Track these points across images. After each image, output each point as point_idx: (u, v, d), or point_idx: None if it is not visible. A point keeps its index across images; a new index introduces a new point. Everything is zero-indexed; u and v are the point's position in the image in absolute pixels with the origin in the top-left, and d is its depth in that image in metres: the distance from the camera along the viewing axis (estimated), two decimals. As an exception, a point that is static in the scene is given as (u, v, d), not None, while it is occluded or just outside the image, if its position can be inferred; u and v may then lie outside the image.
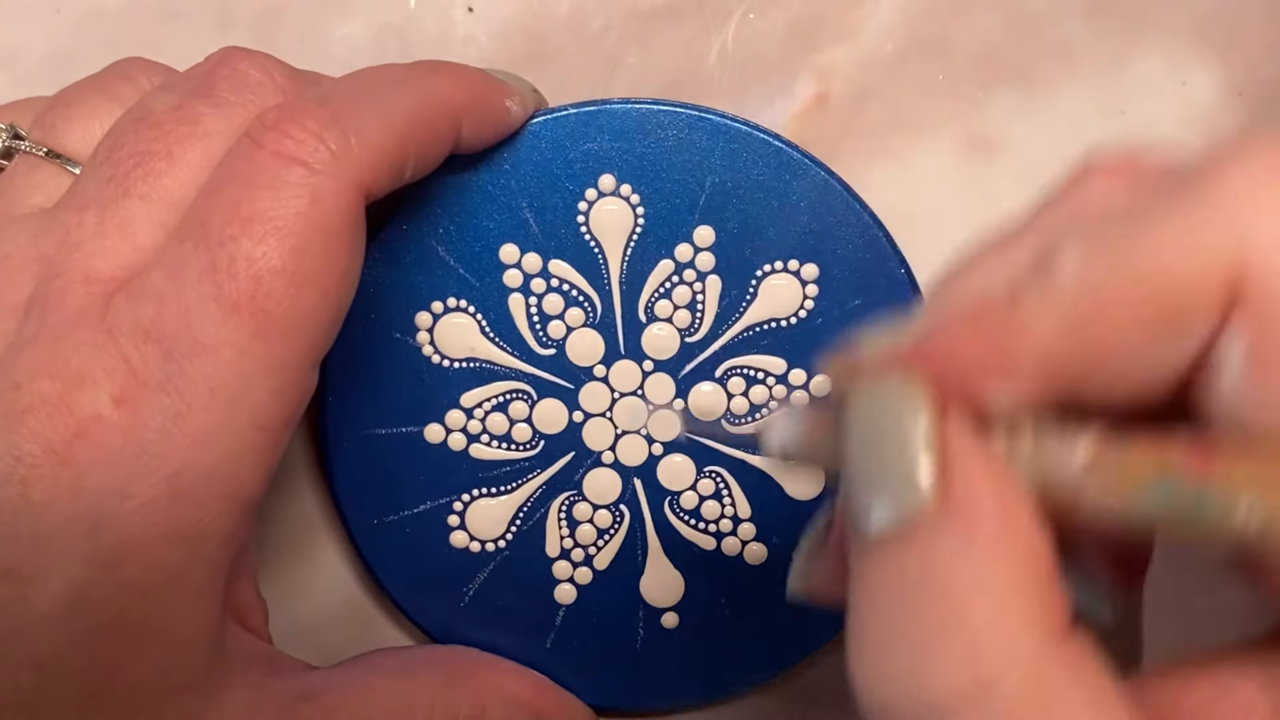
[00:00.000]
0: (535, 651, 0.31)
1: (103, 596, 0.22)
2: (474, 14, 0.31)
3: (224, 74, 0.25)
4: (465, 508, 0.30)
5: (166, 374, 0.22)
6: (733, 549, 0.31)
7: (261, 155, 0.22)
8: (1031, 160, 0.32)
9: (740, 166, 0.29)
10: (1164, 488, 0.13)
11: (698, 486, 0.30)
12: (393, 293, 0.29)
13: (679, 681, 0.31)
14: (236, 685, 0.24)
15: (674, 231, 0.30)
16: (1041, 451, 0.15)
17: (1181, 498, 0.13)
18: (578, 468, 0.30)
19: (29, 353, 0.22)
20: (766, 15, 0.31)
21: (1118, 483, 0.14)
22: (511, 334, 0.30)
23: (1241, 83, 0.32)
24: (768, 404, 0.30)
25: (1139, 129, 0.32)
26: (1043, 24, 0.32)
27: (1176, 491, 0.13)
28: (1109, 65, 0.32)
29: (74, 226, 0.23)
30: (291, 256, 0.22)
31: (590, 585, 0.31)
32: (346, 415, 0.30)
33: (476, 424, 0.30)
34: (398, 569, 0.30)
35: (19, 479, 0.21)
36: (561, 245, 0.29)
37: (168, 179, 0.23)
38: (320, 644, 0.32)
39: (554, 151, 0.29)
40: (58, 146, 0.25)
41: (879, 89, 0.32)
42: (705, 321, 0.30)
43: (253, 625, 0.27)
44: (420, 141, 0.25)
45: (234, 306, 0.22)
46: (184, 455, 0.22)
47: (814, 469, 0.29)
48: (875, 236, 0.30)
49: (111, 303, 0.22)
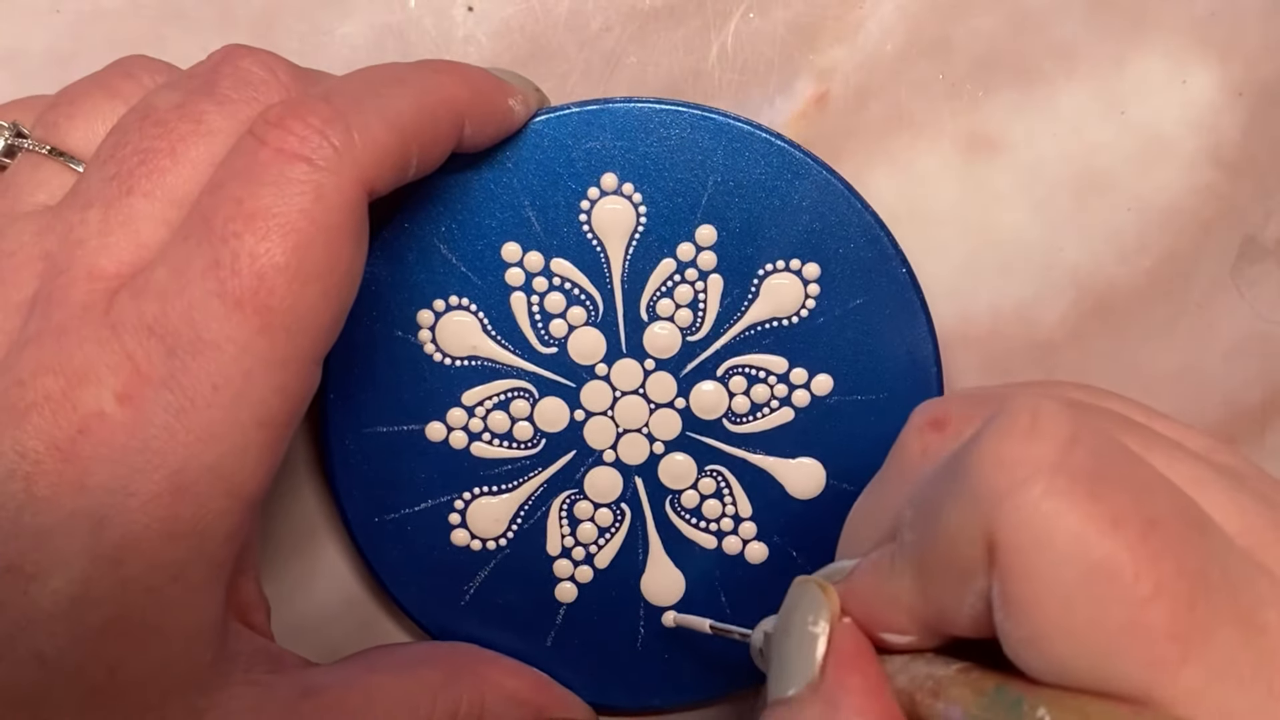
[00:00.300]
0: (536, 650, 0.31)
1: (105, 593, 0.22)
2: (474, 14, 0.31)
3: (227, 71, 0.25)
4: (466, 506, 0.30)
5: (170, 370, 0.22)
6: (733, 548, 0.31)
7: (265, 152, 0.22)
8: (1031, 160, 0.32)
9: (742, 166, 0.29)
10: (1000, 693, 0.18)
11: (699, 485, 0.30)
12: (395, 290, 0.29)
13: (680, 680, 0.31)
14: (238, 682, 0.24)
15: (676, 230, 0.30)
16: (912, 665, 0.20)
17: (1008, 697, 0.18)
18: (579, 466, 0.30)
19: (33, 349, 0.22)
20: (766, 15, 0.32)
21: (978, 683, 0.19)
22: (513, 332, 0.30)
23: (1241, 83, 0.32)
24: (769, 402, 0.30)
25: (1139, 129, 0.32)
26: (1043, 24, 0.32)
27: (1005, 696, 0.18)
28: (1109, 65, 0.32)
29: (78, 224, 0.23)
30: (295, 253, 0.22)
31: (591, 584, 0.31)
32: (348, 413, 0.30)
33: (478, 422, 0.30)
34: (399, 567, 0.30)
35: (22, 475, 0.21)
36: (563, 244, 0.29)
37: (171, 176, 0.23)
38: (321, 641, 0.32)
39: (556, 150, 0.29)
40: (61, 144, 0.25)
41: (879, 89, 0.32)
42: (707, 320, 0.30)
43: (255, 622, 0.27)
44: (423, 139, 0.25)
45: (237, 303, 0.22)
46: (187, 452, 0.22)
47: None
48: (877, 236, 0.30)
49: (115, 299, 0.22)
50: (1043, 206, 0.32)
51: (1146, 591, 0.17)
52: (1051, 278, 0.32)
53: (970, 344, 0.32)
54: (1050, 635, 0.18)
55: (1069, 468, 0.18)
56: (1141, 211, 0.32)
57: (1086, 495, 0.17)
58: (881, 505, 0.24)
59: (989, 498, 0.18)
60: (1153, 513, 0.18)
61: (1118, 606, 0.17)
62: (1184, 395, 0.32)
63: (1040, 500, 0.17)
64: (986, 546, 0.18)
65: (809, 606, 0.21)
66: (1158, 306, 0.32)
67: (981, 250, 0.32)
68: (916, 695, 0.20)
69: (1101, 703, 0.17)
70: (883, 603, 0.21)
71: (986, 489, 0.18)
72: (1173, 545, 0.17)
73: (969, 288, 0.32)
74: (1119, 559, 0.17)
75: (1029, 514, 0.17)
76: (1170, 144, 0.32)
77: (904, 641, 0.21)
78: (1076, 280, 0.32)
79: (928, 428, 0.23)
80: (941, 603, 0.20)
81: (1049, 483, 0.17)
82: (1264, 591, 0.18)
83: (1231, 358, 0.32)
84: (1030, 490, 0.17)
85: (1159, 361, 0.32)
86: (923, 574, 0.20)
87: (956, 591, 0.19)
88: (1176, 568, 0.17)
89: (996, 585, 0.18)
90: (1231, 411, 0.33)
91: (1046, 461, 0.18)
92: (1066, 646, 0.18)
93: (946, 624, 0.20)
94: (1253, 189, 0.32)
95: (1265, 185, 0.32)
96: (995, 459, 0.18)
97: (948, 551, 0.19)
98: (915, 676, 0.20)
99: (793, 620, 0.22)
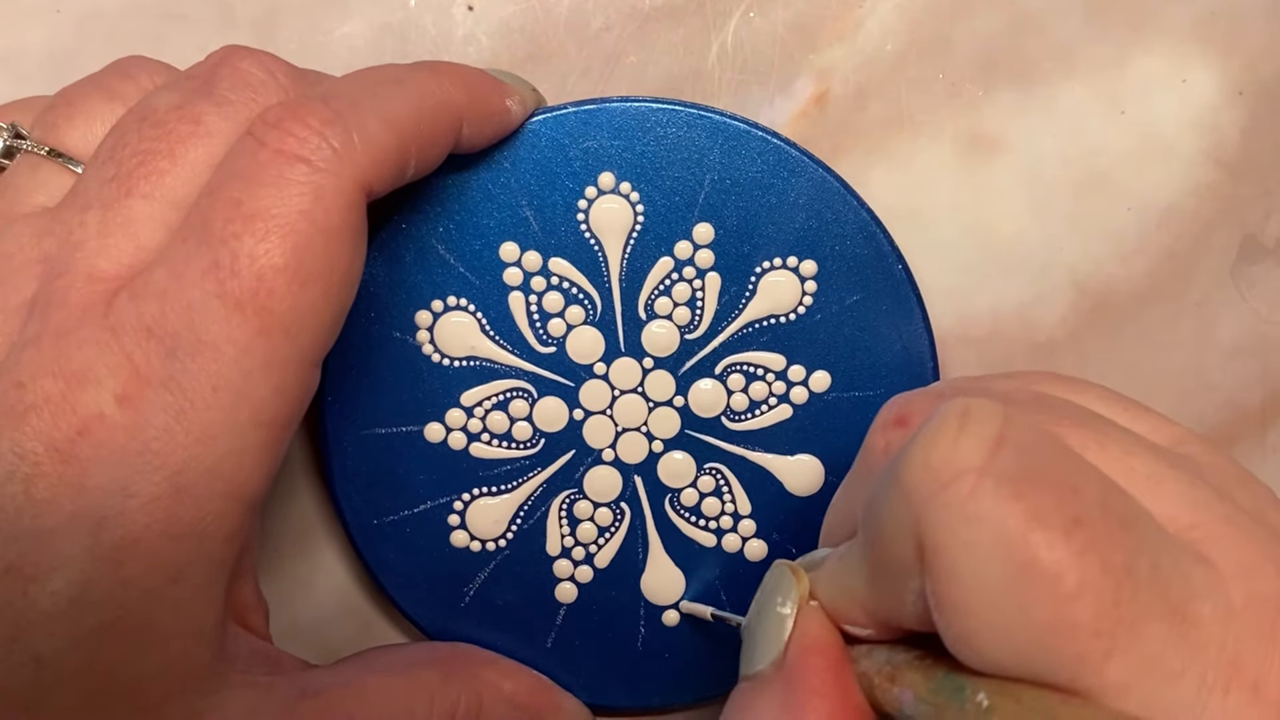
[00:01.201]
0: (536, 651, 0.31)
1: (104, 595, 0.22)
2: (474, 14, 0.31)
3: (226, 73, 0.25)
4: (465, 507, 0.30)
5: (169, 372, 0.22)
6: (733, 546, 0.31)
7: (264, 153, 0.22)
8: (1031, 160, 0.32)
9: (739, 164, 0.29)
10: (947, 679, 0.19)
11: (698, 484, 0.30)
12: (393, 291, 0.29)
13: (680, 680, 0.31)
14: (237, 684, 0.24)
15: (673, 229, 0.30)
16: (875, 652, 0.21)
17: (953, 683, 0.19)
18: (578, 466, 0.30)
19: (32, 351, 0.22)
20: (766, 15, 0.31)
21: (929, 669, 0.19)
22: (511, 332, 0.30)
23: (1241, 82, 0.32)
24: (767, 400, 0.30)
25: (1139, 129, 0.32)
26: (1043, 24, 0.32)
27: (951, 682, 0.19)
28: (1109, 65, 0.32)
29: (77, 226, 0.23)
30: (294, 254, 0.22)
31: (591, 584, 0.31)
32: (346, 414, 0.30)
33: (477, 423, 0.30)
34: (398, 569, 0.30)
35: (22, 477, 0.21)
36: (561, 243, 0.29)
37: (170, 178, 0.23)
38: (320, 643, 0.32)
39: (554, 150, 0.29)
40: (59, 145, 0.25)
41: (879, 89, 0.32)
42: (705, 318, 0.30)
43: (253, 624, 0.27)
44: (422, 140, 0.25)
45: (237, 304, 0.22)
46: (186, 453, 0.22)
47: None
48: (873, 233, 0.30)
49: (114, 301, 0.22)
50: (1043, 206, 0.32)
51: (1069, 588, 0.17)
52: (1051, 278, 0.32)
53: (970, 344, 0.32)
54: (979, 633, 0.18)
55: (995, 469, 0.18)
56: (1141, 211, 0.32)
57: (1010, 495, 0.18)
58: (849, 501, 0.25)
59: (916, 500, 0.18)
60: (1078, 511, 0.18)
61: (1041, 605, 0.17)
62: (1184, 395, 0.32)
63: (965, 503, 0.18)
64: (917, 547, 0.18)
65: (780, 589, 0.22)
66: (1157, 306, 0.32)
67: (981, 250, 0.32)
68: (875, 679, 0.21)
69: (1037, 690, 0.18)
70: (842, 596, 0.21)
71: (914, 491, 0.18)
72: (1098, 542, 0.18)
73: (969, 288, 0.32)
74: (1041, 557, 0.17)
75: (953, 515, 0.18)
76: (1170, 144, 0.32)
77: (863, 634, 0.21)
78: (1076, 280, 0.32)
79: (891, 424, 0.23)
80: (888, 600, 0.20)
81: (973, 485, 0.18)
82: (1198, 585, 0.18)
83: (1231, 358, 0.32)
84: (954, 492, 0.18)
85: (1159, 361, 0.32)
86: (871, 572, 0.20)
87: (898, 590, 0.19)
88: (1101, 564, 0.17)
89: (928, 585, 0.18)
90: (1231, 411, 0.33)
91: (972, 464, 0.18)
92: (995, 644, 0.18)
93: (895, 619, 0.20)
94: (1253, 189, 0.32)
95: (1265, 185, 0.32)
96: (923, 462, 0.18)
97: (887, 551, 0.19)
98: (876, 662, 0.21)
99: (764, 602, 0.22)
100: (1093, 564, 0.17)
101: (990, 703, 0.18)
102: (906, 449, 0.19)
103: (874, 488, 0.20)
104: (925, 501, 0.18)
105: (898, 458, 0.19)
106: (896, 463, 0.19)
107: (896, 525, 0.19)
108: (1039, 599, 0.17)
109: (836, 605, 0.22)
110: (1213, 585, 0.18)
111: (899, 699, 0.20)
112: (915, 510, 0.18)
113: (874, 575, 0.20)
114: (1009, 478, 0.18)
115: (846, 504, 0.25)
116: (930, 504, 0.18)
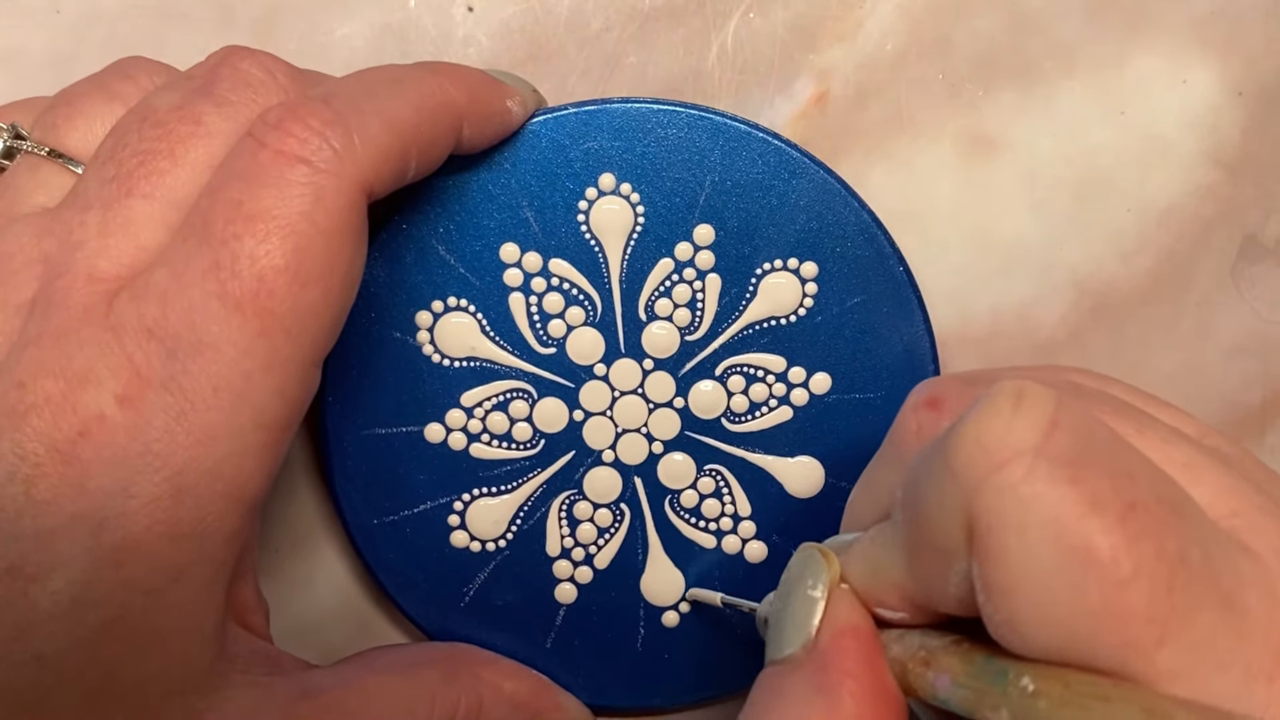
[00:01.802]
0: (536, 651, 0.31)
1: (105, 595, 0.22)
2: (474, 14, 0.31)
3: (226, 73, 0.25)
4: (465, 507, 0.30)
5: (170, 373, 0.22)
6: (733, 547, 0.31)
7: (265, 154, 0.22)
8: (1031, 160, 0.32)
9: (740, 165, 0.29)
10: (988, 663, 0.19)
11: (698, 485, 0.30)
12: (393, 292, 0.29)
13: (680, 680, 0.31)
14: (237, 684, 0.24)
15: (674, 230, 0.30)
16: (907, 636, 0.21)
17: (995, 667, 0.18)
18: (578, 466, 0.30)
19: (32, 351, 0.22)
20: (766, 15, 0.32)
21: (968, 654, 0.19)
22: (512, 333, 0.30)
23: (1241, 83, 0.32)
24: (767, 401, 0.30)
25: (1139, 129, 0.32)
26: (1043, 24, 0.32)
27: (992, 666, 0.19)
28: (1109, 65, 0.32)
29: (77, 226, 0.23)
30: (295, 255, 0.22)
31: (591, 584, 0.31)
32: (346, 415, 0.30)
33: (477, 423, 0.30)
34: (398, 569, 0.30)
35: (22, 478, 0.21)
36: (562, 244, 0.29)
37: (170, 178, 0.23)
38: (320, 643, 0.32)
39: (554, 151, 0.29)
40: (60, 146, 0.25)
41: (879, 89, 0.32)
42: (705, 320, 0.30)
43: (253, 625, 0.27)
44: (422, 141, 0.25)
45: (237, 305, 0.22)
46: (187, 454, 0.22)
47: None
48: (874, 234, 0.30)
49: (115, 302, 0.22)
50: (1043, 207, 0.32)
51: (1124, 574, 0.17)
52: (1051, 278, 0.32)
53: (970, 344, 0.32)
54: (1028, 618, 0.18)
55: (1049, 452, 0.18)
56: (1141, 212, 0.32)
57: (1066, 479, 0.17)
58: (878, 483, 0.24)
59: (969, 480, 0.18)
60: (1133, 497, 0.18)
61: (1094, 590, 0.17)
62: (1184, 395, 0.32)
63: (1019, 484, 0.17)
64: (966, 529, 0.18)
65: (810, 571, 0.22)
66: (1158, 306, 0.32)
67: (981, 251, 0.32)
68: (909, 664, 0.20)
69: (1085, 675, 0.18)
70: (875, 580, 0.21)
71: (967, 471, 0.18)
72: (1152, 529, 0.17)
73: (969, 288, 0.32)
74: (1096, 542, 0.17)
75: (1007, 498, 0.18)
76: (1170, 144, 0.32)
77: (896, 618, 0.21)
78: (1076, 280, 0.32)
79: (923, 406, 0.23)
80: (928, 583, 0.20)
81: (1029, 467, 0.17)
82: (1246, 574, 0.18)
83: (1231, 358, 0.32)
84: (1009, 474, 0.18)
85: (1159, 361, 0.32)
86: (910, 554, 0.20)
87: (941, 573, 0.19)
88: (1155, 551, 0.17)
89: (976, 568, 0.18)
90: (1231, 411, 0.33)
91: (1027, 445, 0.18)
92: (1044, 629, 0.18)
93: (933, 602, 0.20)
94: (1253, 189, 0.32)
95: (1265, 185, 0.32)
96: (976, 442, 0.18)
97: (931, 533, 0.19)
98: (909, 646, 0.21)
99: (793, 585, 0.22)
100: (1148, 551, 0.17)
101: (1036, 687, 0.18)
102: (956, 429, 0.18)
103: (915, 468, 0.20)
104: (978, 483, 0.18)
105: (946, 437, 0.19)
106: (945, 443, 0.19)
107: (944, 506, 0.18)
108: (1092, 584, 0.17)
109: (869, 588, 0.21)
110: (1259, 574, 0.18)
111: (934, 683, 0.20)
112: (966, 491, 0.18)
113: (913, 557, 0.20)
114: (1064, 461, 0.18)
115: (874, 486, 0.24)
116: (983, 485, 0.18)
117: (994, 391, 0.18)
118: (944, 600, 0.20)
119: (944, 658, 0.20)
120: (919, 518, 0.19)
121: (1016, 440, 0.18)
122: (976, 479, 0.18)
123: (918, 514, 0.19)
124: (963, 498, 0.18)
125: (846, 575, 0.22)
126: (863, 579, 0.21)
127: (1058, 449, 0.18)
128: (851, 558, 0.22)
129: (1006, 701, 0.18)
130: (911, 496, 0.20)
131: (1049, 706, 0.17)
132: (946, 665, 0.20)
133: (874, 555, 0.21)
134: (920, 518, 0.19)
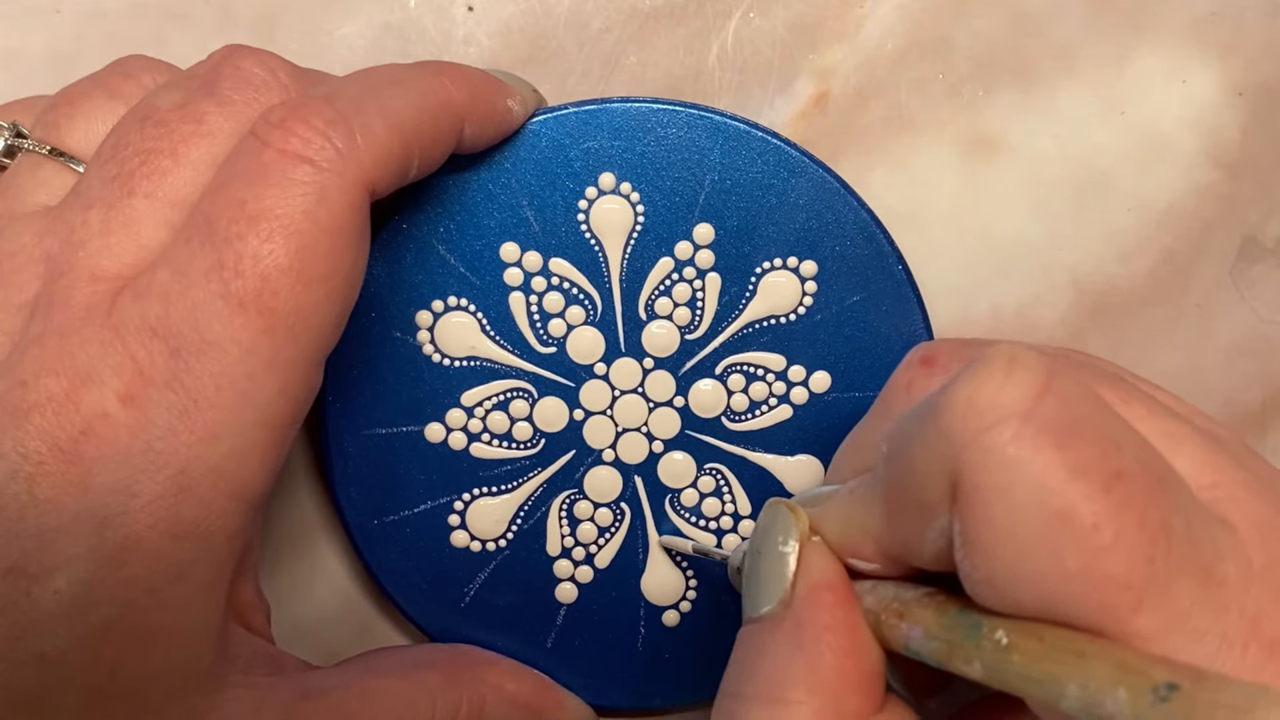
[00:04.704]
0: (536, 651, 0.31)
1: (108, 594, 0.22)
2: (474, 14, 0.31)
3: (228, 72, 0.25)
4: (466, 507, 0.30)
5: (173, 371, 0.22)
6: (733, 546, 0.31)
7: (268, 153, 0.22)
8: (1031, 160, 0.32)
9: (739, 164, 0.29)
10: (961, 614, 0.19)
11: (698, 484, 0.30)
12: (393, 291, 0.29)
13: (680, 680, 0.31)
14: (238, 684, 0.24)
15: (674, 229, 0.30)
16: (880, 588, 0.21)
17: (968, 620, 0.19)
18: (578, 466, 0.30)
19: (35, 350, 0.22)
20: (766, 15, 0.32)
21: (941, 606, 0.20)
22: (512, 332, 0.30)
23: (1241, 83, 0.32)
24: (767, 400, 0.30)
25: (1139, 129, 0.32)
26: (1043, 24, 0.32)
27: (967, 616, 0.19)
28: (1109, 65, 0.32)
29: (79, 225, 0.23)
30: (298, 255, 0.22)
31: (591, 584, 0.31)
32: (347, 414, 0.30)
33: (477, 423, 0.30)
34: (398, 569, 0.30)
35: (25, 476, 0.21)
36: (562, 243, 0.30)
37: (173, 177, 0.23)
38: (321, 643, 0.32)
39: (554, 150, 0.29)
40: (61, 144, 0.25)
41: (879, 89, 0.32)
42: (705, 319, 0.30)
43: (254, 625, 0.27)
44: (424, 141, 0.25)
45: (241, 304, 0.22)
46: (190, 453, 0.22)
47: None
48: (873, 233, 0.30)
49: (118, 301, 0.22)
50: (1042, 206, 0.32)
51: (1105, 541, 0.17)
52: (1051, 278, 0.32)
53: (970, 344, 0.32)
54: (1006, 577, 0.18)
55: (1038, 416, 0.18)
56: (1141, 212, 0.32)
57: (1053, 444, 0.18)
58: (865, 437, 0.25)
59: (957, 439, 0.18)
60: (1119, 465, 0.18)
61: (1074, 554, 0.17)
62: (1184, 395, 0.32)
63: (1006, 446, 0.18)
64: (951, 486, 0.18)
65: (779, 527, 0.22)
66: (1158, 307, 0.32)
67: (981, 251, 0.32)
68: (882, 615, 0.21)
69: (1060, 629, 0.18)
70: (851, 530, 0.21)
71: (955, 430, 0.18)
72: (1136, 498, 0.18)
73: (969, 288, 0.32)
74: (1079, 508, 0.17)
75: (994, 458, 0.18)
76: (1170, 144, 0.32)
77: (869, 569, 0.21)
78: (1076, 280, 0.32)
79: (917, 364, 0.24)
80: (905, 536, 0.20)
81: (1017, 429, 0.18)
82: (1224, 546, 0.18)
83: (1231, 358, 0.32)
84: (997, 435, 0.18)
85: (1159, 361, 0.32)
86: (890, 507, 0.20)
87: (919, 527, 0.19)
88: (1138, 520, 0.18)
89: (957, 525, 0.19)
90: (1231, 411, 0.33)
91: (1017, 408, 0.18)
92: (1022, 588, 0.18)
93: (909, 556, 0.20)
94: (1253, 189, 0.32)
95: (1265, 185, 0.32)
96: (967, 401, 0.18)
97: (914, 488, 0.19)
98: (882, 598, 0.21)
99: (764, 541, 0.22)
100: (1130, 519, 0.18)
101: (1010, 640, 0.18)
102: (949, 388, 0.19)
103: (903, 423, 0.20)
104: (966, 442, 0.18)
105: (939, 396, 0.19)
106: (937, 401, 0.19)
107: (930, 462, 0.19)
108: (1073, 548, 0.17)
109: (845, 539, 0.22)
110: (1235, 546, 0.19)
111: (906, 634, 0.20)
112: (953, 449, 0.18)
113: (893, 510, 0.20)
114: (1052, 426, 0.18)
115: (862, 440, 0.25)
116: (971, 445, 0.18)
117: (989, 354, 0.19)
118: (920, 555, 0.20)
119: (917, 610, 0.20)
120: (903, 472, 0.20)
121: (1007, 403, 0.18)
122: (965, 438, 0.18)
123: (902, 468, 0.20)
124: (950, 456, 0.18)
125: (820, 527, 0.22)
126: (839, 530, 0.22)
127: (1047, 414, 0.18)
128: (829, 509, 0.22)
129: (979, 654, 0.18)
130: (898, 450, 0.20)
131: (1022, 660, 0.18)
132: (919, 617, 0.20)
133: (853, 507, 0.21)
134: (905, 472, 0.20)
